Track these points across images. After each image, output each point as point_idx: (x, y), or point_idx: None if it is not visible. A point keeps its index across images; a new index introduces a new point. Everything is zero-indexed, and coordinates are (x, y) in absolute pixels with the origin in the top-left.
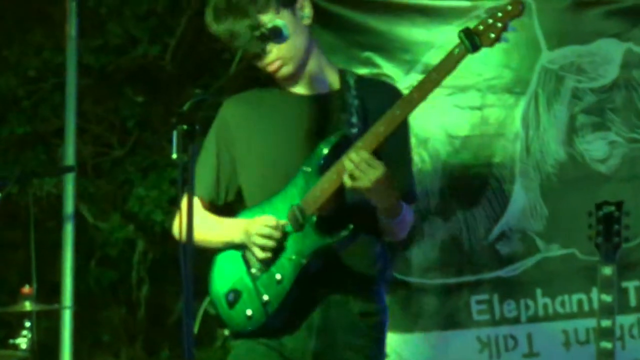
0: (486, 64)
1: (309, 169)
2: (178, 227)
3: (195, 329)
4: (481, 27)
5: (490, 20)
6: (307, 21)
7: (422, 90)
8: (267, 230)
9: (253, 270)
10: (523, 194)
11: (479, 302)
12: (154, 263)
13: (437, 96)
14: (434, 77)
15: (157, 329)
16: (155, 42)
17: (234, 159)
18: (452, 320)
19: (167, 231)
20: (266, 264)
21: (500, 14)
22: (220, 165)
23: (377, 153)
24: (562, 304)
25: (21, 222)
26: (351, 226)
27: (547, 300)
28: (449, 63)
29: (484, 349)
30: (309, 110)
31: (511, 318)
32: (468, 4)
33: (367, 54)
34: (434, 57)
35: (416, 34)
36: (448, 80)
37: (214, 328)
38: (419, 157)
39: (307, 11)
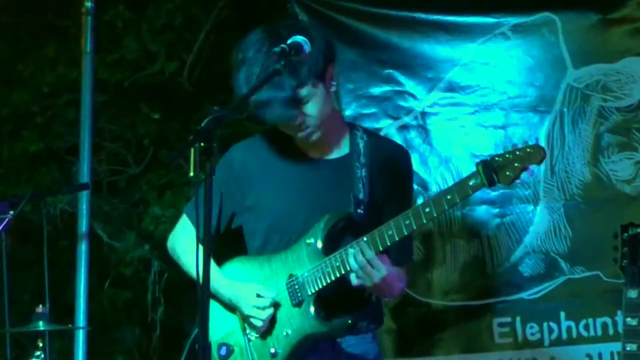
0: (510, 82)
1: (311, 241)
2: (171, 243)
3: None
4: (499, 162)
5: (510, 157)
6: (334, 88)
7: (434, 206)
8: (258, 313)
9: (248, 331)
10: (547, 215)
11: (501, 325)
12: (169, 283)
13: (460, 115)
14: (448, 198)
15: (172, 352)
16: (173, 58)
17: (238, 204)
18: (474, 343)
19: None
20: (264, 332)
21: (521, 154)
22: (222, 208)
23: (380, 209)
24: (587, 327)
25: (34, 241)
26: (350, 321)
27: (571, 323)
28: (465, 190)
29: None
30: (317, 176)
31: (534, 341)
32: (492, 20)
33: (389, 71)
34: (457, 75)
35: (439, 51)
36: (471, 99)
37: None
38: (441, 176)
39: (334, 78)
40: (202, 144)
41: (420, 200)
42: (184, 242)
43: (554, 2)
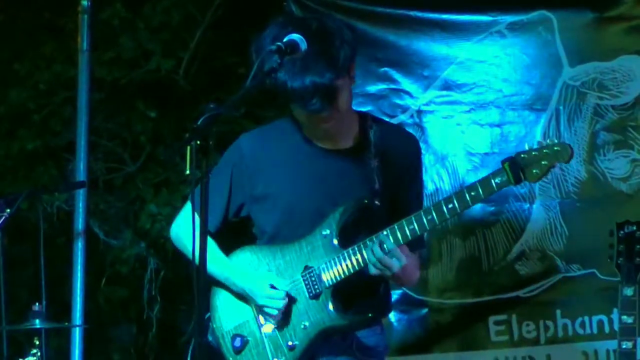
0: (506, 81)
1: (327, 232)
2: (174, 231)
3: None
4: (525, 159)
5: (537, 154)
6: (353, 82)
7: (458, 203)
8: (273, 303)
9: (262, 323)
10: (543, 213)
11: (497, 323)
12: (165, 281)
13: (456, 113)
14: (472, 194)
15: (168, 350)
16: (169, 56)
17: (248, 194)
18: (470, 341)
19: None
20: (278, 324)
21: (548, 152)
22: (232, 197)
23: (394, 198)
24: (582, 325)
25: (31, 239)
26: (370, 314)
27: (567, 321)
28: (489, 188)
29: None
30: (330, 166)
31: (530, 339)
32: (488, 19)
33: (385, 69)
34: (453, 73)
35: (435, 49)
36: (467, 97)
37: None
38: (437, 174)
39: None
40: (198, 142)
41: None
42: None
43: (550, 1)
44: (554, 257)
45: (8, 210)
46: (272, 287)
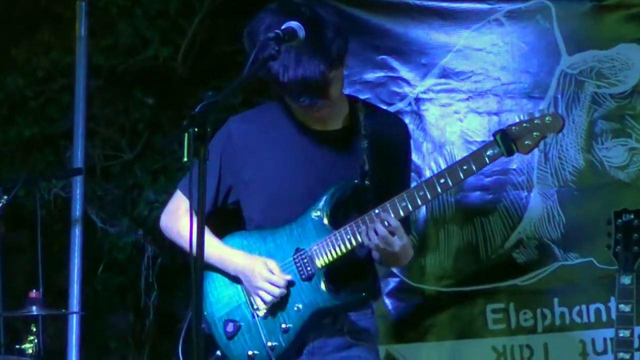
0: (504, 69)
1: (317, 214)
2: (164, 222)
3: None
4: (517, 131)
5: (528, 126)
6: (346, 71)
7: (450, 178)
8: (272, 290)
9: (256, 307)
10: (540, 202)
11: (494, 311)
12: (163, 269)
13: (454, 101)
14: (465, 168)
15: (165, 337)
16: (167, 43)
17: (237, 177)
18: (467, 329)
19: None
20: (271, 307)
21: (539, 123)
22: (221, 181)
23: (384, 183)
24: (580, 313)
25: (28, 226)
26: (364, 294)
27: (564, 309)
28: (481, 160)
29: (500, 359)
30: (319, 147)
31: (527, 327)
32: (486, 7)
33: (383, 57)
34: (451, 61)
35: (433, 37)
36: (465, 85)
37: None
38: (435, 162)
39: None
40: (196, 129)
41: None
42: (181, 219)
43: None
44: (552, 245)
45: (5, 197)
46: (271, 271)
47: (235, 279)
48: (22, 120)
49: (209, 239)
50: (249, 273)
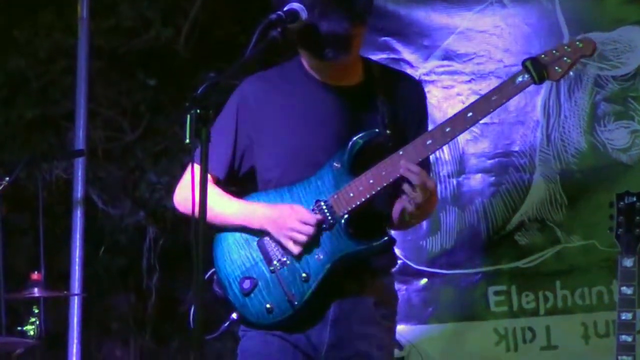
0: (507, 51)
1: (338, 165)
2: (180, 195)
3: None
4: (547, 58)
5: (557, 54)
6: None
7: (477, 111)
8: (305, 228)
9: (274, 262)
10: (543, 184)
11: (496, 293)
12: (164, 250)
13: (456, 83)
14: (493, 99)
15: (167, 319)
16: (169, 25)
17: (253, 139)
18: (468, 311)
19: (179, 218)
20: (292, 258)
21: (569, 49)
22: (237, 143)
23: (402, 134)
24: (582, 296)
25: (30, 207)
26: (386, 237)
27: (567, 292)
28: (510, 89)
29: (501, 341)
30: (337, 102)
31: (529, 310)
32: None
33: (385, 38)
34: (454, 43)
35: (436, 18)
36: (468, 67)
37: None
38: None
39: None
40: (198, 111)
41: None
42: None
43: None
44: (554, 227)
45: (7, 178)
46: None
47: (253, 235)
48: (24, 101)
49: (229, 200)
50: (277, 218)
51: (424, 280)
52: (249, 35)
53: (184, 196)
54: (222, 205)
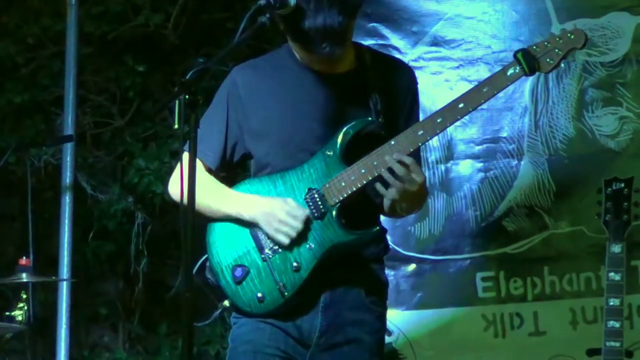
0: (495, 37)
1: (330, 153)
2: (175, 185)
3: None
4: (538, 50)
5: (549, 45)
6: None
7: (468, 102)
8: (294, 222)
9: (266, 250)
10: (531, 170)
11: (484, 279)
12: (153, 236)
13: (444, 69)
14: (484, 91)
15: (155, 304)
16: (158, 10)
17: (244, 126)
18: (456, 297)
19: (167, 204)
20: (283, 248)
21: (561, 41)
22: (228, 131)
23: (394, 121)
24: (570, 282)
25: (18, 193)
26: (377, 227)
27: (554, 278)
28: (502, 81)
29: (489, 327)
30: (329, 90)
31: (517, 295)
32: None
33: (373, 24)
34: (442, 29)
35: (424, 5)
36: (456, 53)
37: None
38: None
39: None
40: (187, 97)
41: None
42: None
43: None
44: (542, 213)
45: None
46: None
47: (246, 224)
48: (13, 87)
49: (221, 189)
50: (269, 211)
51: (413, 266)
52: (237, 21)
53: (176, 187)
54: (215, 196)
